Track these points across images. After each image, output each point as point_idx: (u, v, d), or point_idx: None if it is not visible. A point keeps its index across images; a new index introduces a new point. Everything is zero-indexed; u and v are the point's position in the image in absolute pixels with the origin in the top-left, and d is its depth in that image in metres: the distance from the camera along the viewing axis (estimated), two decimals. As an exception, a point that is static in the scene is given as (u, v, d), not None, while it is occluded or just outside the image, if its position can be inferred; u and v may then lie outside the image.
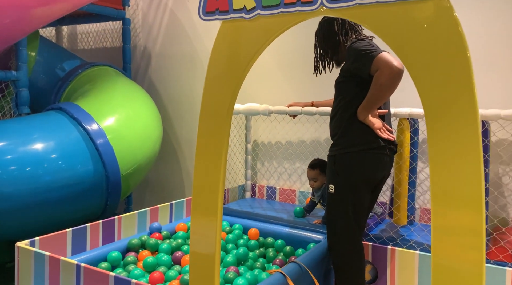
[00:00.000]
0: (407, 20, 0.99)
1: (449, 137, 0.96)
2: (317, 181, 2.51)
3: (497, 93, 2.38)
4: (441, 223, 1.02)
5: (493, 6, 2.38)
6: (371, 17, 1.03)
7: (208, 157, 1.31)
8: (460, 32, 0.94)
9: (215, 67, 1.28)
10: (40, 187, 2.46)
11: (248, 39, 1.21)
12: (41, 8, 2.60)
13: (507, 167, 2.39)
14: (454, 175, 0.97)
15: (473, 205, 0.98)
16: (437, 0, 0.94)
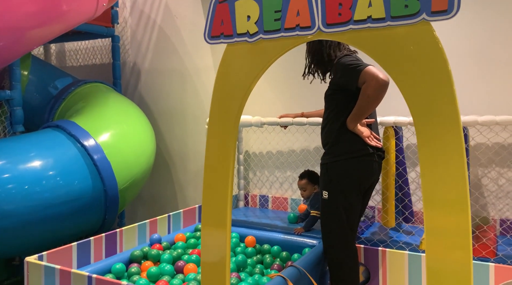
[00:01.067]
0: (395, 42, 1.13)
1: (436, 145, 1.09)
2: (306, 190, 2.63)
3: (474, 100, 2.55)
4: (434, 225, 1.14)
5: (471, 21, 2.56)
6: (363, 40, 1.17)
7: (216, 172, 1.41)
8: (441, 50, 1.08)
9: (221, 86, 1.39)
10: (38, 205, 2.50)
11: (251, 61, 1.33)
12: (36, 30, 2.67)
13: (486, 169, 2.56)
14: (442, 180, 1.10)
15: (460, 207, 1.10)
16: (421, 25, 1.08)
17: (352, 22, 1.16)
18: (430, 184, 1.11)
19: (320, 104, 2.70)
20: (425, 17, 1.07)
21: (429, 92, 1.09)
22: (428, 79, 1.09)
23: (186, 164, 3.75)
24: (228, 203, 1.41)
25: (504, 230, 2.46)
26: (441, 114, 1.08)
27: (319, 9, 1.20)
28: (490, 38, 2.53)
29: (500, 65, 2.52)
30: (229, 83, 1.39)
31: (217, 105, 1.41)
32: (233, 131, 1.37)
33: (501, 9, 2.49)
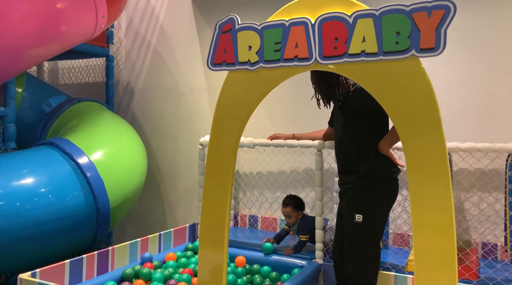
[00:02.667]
0: (387, 75, 1.22)
1: (423, 170, 1.18)
2: (292, 217, 2.66)
3: (457, 127, 2.67)
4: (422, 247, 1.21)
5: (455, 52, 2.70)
6: (357, 72, 1.26)
7: (214, 193, 1.47)
8: (428, 83, 1.18)
9: (222, 110, 1.46)
10: (29, 221, 2.50)
11: (252, 87, 1.41)
12: (35, 49, 2.72)
13: (468, 194, 2.66)
14: (429, 205, 1.18)
15: (446, 232, 1.18)
16: (410, 60, 1.18)
17: (347, 56, 1.25)
18: (419, 208, 1.20)
19: (311, 125, 2.81)
20: (414, 54, 1.17)
21: (417, 121, 1.19)
22: (416, 109, 1.19)
23: (176, 182, 3.78)
24: (226, 223, 1.47)
25: (485, 253, 2.56)
26: (428, 140, 1.17)
27: (316, 42, 1.29)
28: (474, 70, 2.67)
29: (482, 96, 2.65)
30: (230, 107, 1.47)
31: (217, 129, 1.48)
32: (233, 153, 1.44)
33: (484, 45, 2.64)
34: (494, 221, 2.60)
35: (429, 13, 1.14)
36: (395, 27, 1.18)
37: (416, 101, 1.18)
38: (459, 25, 2.66)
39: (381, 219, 2.05)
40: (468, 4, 2.67)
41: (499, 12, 2.61)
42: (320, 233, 2.56)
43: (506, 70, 2.60)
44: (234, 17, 1.43)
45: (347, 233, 2.09)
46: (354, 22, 1.24)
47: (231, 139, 1.44)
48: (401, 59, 1.18)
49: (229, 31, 1.42)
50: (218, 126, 1.47)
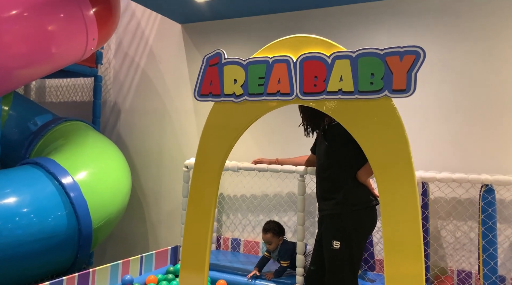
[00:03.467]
0: (361, 112, 1.31)
1: (394, 198, 1.25)
2: (272, 244, 2.70)
3: (435, 158, 2.78)
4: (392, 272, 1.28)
5: (437, 90, 2.84)
6: (334, 108, 1.34)
7: (197, 216, 1.52)
8: (399, 121, 1.27)
9: (207, 138, 1.53)
10: (10, 242, 2.50)
11: (236, 118, 1.48)
12: (24, 70, 2.76)
13: (444, 222, 2.75)
14: (399, 229, 1.25)
15: (415, 255, 1.25)
16: (383, 100, 1.27)
17: (326, 93, 1.33)
18: (389, 232, 1.26)
19: (295, 151, 2.88)
20: (387, 94, 1.25)
21: (389, 154, 1.27)
22: (388, 144, 1.27)
23: (160, 203, 3.80)
24: (207, 247, 1.51)
25: (460, 280, 2.63)
26: (399, 172, 1.25)
27: (297, 79, 1.37)
28: (454, 104, 2.79)
29: (462, 127, 2.76)
30: (215, 136, 1.53)
31: (202, 156, 1.54)
32: (216, 180, 1.50)
33: (464, 79, 2.78)
34: (469, 249, 2.68)
35: (401, 57, 1.24)
36: (370, 69, 1.27)
37: (388, 136, 1.26)
38: (443, 59, 2.81)
39: (358, 246, 2.09)
40: (444, 39, 2.82)
41: (482, 47, 2.74)
42: (301, 258, 2.60)
43: (485, 105, 2.72)
44: (221, 51, 1.50)
45: (326, 259, 2.13)
46: (332, 62, 1.32)
47: (215, 166, 1.50)
48: (375, 98, 1.26)
49: (216, 65, 1.49)
50: (203, 153, 1.53)
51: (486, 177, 2.28)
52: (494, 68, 2.71)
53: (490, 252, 2.23)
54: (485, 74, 2.72)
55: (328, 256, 2.12)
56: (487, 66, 2.72)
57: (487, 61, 2.72)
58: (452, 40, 2.81)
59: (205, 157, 1.55)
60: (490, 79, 2.71)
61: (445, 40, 2.83)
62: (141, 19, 3.99)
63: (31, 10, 2.60)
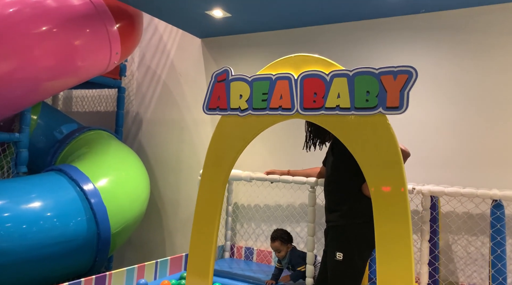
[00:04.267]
0: (357, 127, 1.37)
1: (387, 210, 1.31)
2: (281, 251, 2.75)
3: (448, 172, 2.79)
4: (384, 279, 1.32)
5: (443, 100, 2.86)
6: (332, 123, 1.41)
7: (204, 224, 1.60)
8: (393, 136, 1.33)
9: (214, 150, 1.62)
10: (34, 244, 2.64)
11: (241, 131, 1.57)
12: (52, 82, 2.95)
13: (456, 236, 2.74)
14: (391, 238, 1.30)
15: (406, 269, 1.29)
16: (378, 116, 1.33)
17: (324, 109, 1.41)
18: (382, 241, 1.32)
19: (307, 162, 2.94)
20: (381, 111, 1.32)
21: (383, 167, 1.33)
22: (382, 158, 1.33)
23: (177, 211, 3.91)
24: (212, 253, 1.59)
25: (471, 295, 2.61)
26: (391, 184, 1.30)
27: (298, 95, 1.45)
28: (463, 117, 2.81)
29: (472, 142, 2.77)
30: (221, 147, 1.62)
31: (209, 166, 1.63)
32: (221, 190, 1.58)
33: (471, 94, 2.80)
34: (481, 265, 2.67)
35: (395, 76, 1.30)
36: (365, 87, 1.34)
37: (382, 150, 1.32)
38: (451, 72, 2.84)
39: (360, 258, 2.13)
40: (458, 52, 2.84)
41: (488, 62, 2.76)
42: (310, 268, 2.65)
43: (494, 118, 2.73)
44: (228, 68, 1.60)
45: (329, 270, 2.18)
46: (331, 80, 1.40)
47: (221, 175, 1.59)
48: (370, 114, 1.33)
49: (223, 81, 1.59)
50: (210, 164, 1.62)
51: (495, 192, 2.28)
52: (502, 79, 2.71)
53: (498, 268, 2.22)
54: (494, 86, 2.73)
55: (331, 267, 2.16)
56: (495, 79, 2.73)
57: (494, 74, 2.73)
58: (456, 54, 2.84)
59: (212, 167, 1.64)
60: (500, 93, 2.72)
61: (456, 55, 2.85)
62: (163, 34, 4.16)
63: (59, 27, 2.78)
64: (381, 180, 1.30)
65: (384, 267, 1.31)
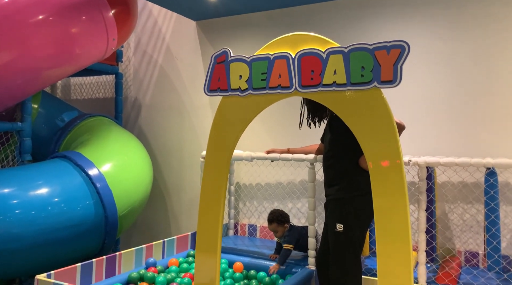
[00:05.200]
0: (353, 102, 1.44)
1: (384, 182, 1.38)
2: (278, 232, 2.83)
3: (442, 143, 2.87)
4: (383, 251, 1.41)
5: (437, 71, 2.92)
6: (329, 99, 1.48)
7: (209, 205, 1.68)
8: (388, 109, 1.40)
9: (217, 129, 1.68)
10: (43, 229, 2.71)
11: (242, 110, 1.63)
12: (51, 70, 2.98)
13: (452, 205, 2.84)
14: (388, 212, 1.38)
15: (403, 239, 1.37)
16: (373, 90, 1.39)
17: (321, 85, 1.47)
18: (381, 215, 1.40)
19: (305, 140, 3.01)
20: (376, 85, 1.38)
21: (379, 140, 1.40)
22: (378, 131, 1.40)
23: (181, 194, 4.00)
24: (219, 231, 1.68)
25: (466, 260, 2.73)
26: (387, 156, 1.38)
27: (296, 74, 1.51)
28: (456, 89, 2.87)
29: (466, 112, 2.84)
30: (223, 127, 1.69)
31: (212, 146, 1.70)
32: (225, 169, 1.66)
33: (464, 65, 2.85)
34: (476, 231, 2.78)
35: (388, 51, 1.36)
36: (360, 62, 1.39)
37: (378, 123, 1.39)
38: (444, 45, 2.89)
39: (360, 229, 2.23)
40: (451, 25, 2.89)
41: (481, 31, 2.81)
42: (312, 241, 2.75)
43: (485, 89, 2.79)
44: (227, 50, 1.65)
45: (331, 241, 2.27)
46: (327, 57, 1.46)
47: (225, 154, 1.65)
48: (365, 89, 1.39)
49: (223, 62, 1.64)
50: (213, 144, 1.69)
51: (488, 160, 2.36)
52: (495, 49, 2.77)
53: (493, 232, 2.32)
54: (488, 58, 2.79)
55: (332, 238, 2.26)
56: (490, 50, 2.78)
57: (489, 46, 2.79)
58: (448, 27, 2.88)
59: (216, 147, 1.70)
60: (492, 64, 2.77)
61: (449, 28, 2.90)
62: (158, 18, 4.16)
63: (56, 15, 2.80)
64: (378, 153, 1.37)
65: (383, 238, 1.39)
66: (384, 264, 1.38)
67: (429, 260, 2.56)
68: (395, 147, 1.36)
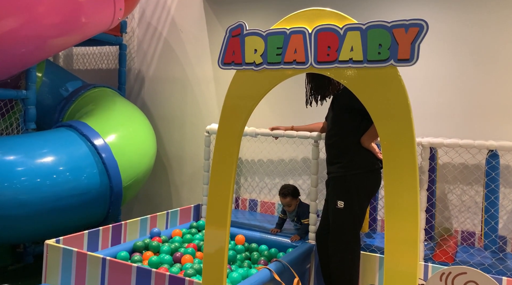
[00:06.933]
0: (369, 79, 1.45)
1: (395, 162, 1.41)
2: (292, 205, 2.89)
3: (445, 125, 2.90)
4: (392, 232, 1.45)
5: (442, 54, 2.93)
6: (345, 75, 1.49)
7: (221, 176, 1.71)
8: (403, 88, 1.41)
9: (230, 103, 1.70)
10: (49, 196, 2.75)
11: (256, 85, 1.64)
12: (57, 39, 2.95)
13: (451, 186, 2.90)
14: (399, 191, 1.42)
15: (412, 219, 1.41)
16: (389, 68, 1.41)
17: (337, 62, 1.48)
18: (391, 192, 1.43)
19: (308, 118, 3.03)
20: (392, 63, 1.39)
21: (393, 119, 1.42)
22: (392, 109, 1.42)
23: (182, 166, 4.03)
24: (229, 203, 1.71)
25: (463, 239, 2.80)
26: (401, 136, 1.40)
27: (312, 49, 1.52)
28: (462, 72, 2.89)
29: (469, 95, 2.87)
30: (236, 101, 1.70)
31: (225, 120, 1.71)
32: (237, 143, 1.68)
33: (469, 48, 2.86)
34: (474, 212, 2.84)
35: (406, 29, 1.36)
36: (378, 40, 1.40)
37: (393, 102, 1.40)
38: (451, 28, 2.88)
39: (360, 206, 2.28)
40: (459, 8, 2.88)
41: (487, 16, 2.81)
42: (314, 216, 2.80)
43: (490, 72, 2.81)
44: (243, 23, 1.64)
45: (331, 217, 2.33)
46: (344, 33, 1.46)
47: (237, 129, 1.67)
48: (382, 67, 1.40)
49: (238, 36, 1.64)
50: (225, 116, 1.70)
51: (491, 142, 2.40)
52: (500, 35, 2.77)
53: (491, 213, 2.39)
54: (492, 41, 2.79)
55: (333, 214, 2.32)
56: (493, 33, 2.79)
57: (492, 28, 2.79)
58: (455, 9, 2.87)
59: (228, 121, 1.72)
60: (497, 47, 2.78)
61: (450, 9, 2.88)
62: (163, -11, 4.10)
63: (62, -18, 2.75)
64: (392, 131, 1.40)
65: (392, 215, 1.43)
66: (391, 241, 1.42)
67: (427, 238, 2.63)
68: (408, 126, 1.38)
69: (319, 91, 2.39)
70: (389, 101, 1.41)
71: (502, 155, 2.56)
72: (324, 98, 2.41)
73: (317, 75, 2.28)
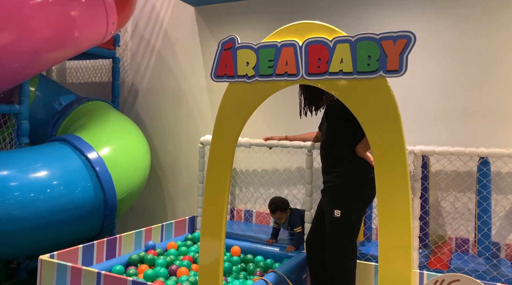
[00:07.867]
0: (359, 90, 1.48)
1: (387, 170, 1.43)
2: (282, 218, 2.91)
3: (436, 133, 2.94)
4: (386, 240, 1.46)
5: (432, 63, 2.97)
6: (336, 87, 1.51)
7: (215, 188, 1.72)
8: (392, 98, 1.44)
9: (223, 115, 1.72)
10: (42, 211, 2.73)
11: (249, 96, 1.66)
12: (50, 53, 2.96)
13: (444, 193, 2.92)
14: (391, 198, 1.43)
15: (405, 225, 1.43)
16: (379, 79, 1.43)
17: (328, 73, 1.50)
18: (383, 201, 1.45)
19: (302, 128, 3.05)
20: (381, 74, 1.42)
21: (383, 129, 1.44)
22: (382, 119, 1.44)
23: (177, 178, 4.03)
24: (224, 215, 1.72)
25: (457, 246, 2.82)
26: (391, 143, 1.43)
27: (303, 61, 1.54)
28: (452, 80, 2.93)
29: (460, 103, 2.91)
30: (229, 112, 1.72)
31: (218, 131, 1.73)
32: (231, 152, 1.69)
33: (459, 56, 2.91)
34: (467, 219, 2.86)
35: (394, 41, 1.39)
36: (367, 52, 1.43)
37: (382, 112, 1.43)
38: (440, 37, 2.93)
39: (357, 214, 2.30)
40: (449, 16, 2.93)
41: (478, 25, 2.86)
42: (308, 226, 2.81)
43: (480, 80, 2.85)
44: (235, 37, 1.67)
45: (327, 226, 2.34)
46: (334, 46, 1.49)
47: (230, 140, 1.69)
48: (371, 78, 1.43)
49: (230, 49, 1.67)
50: (219, 128, 1.72)
51: (482, 150, 2.43)
52: (490, 42, 2.83)
53: (484, 219, 2.41)
54: (484, 50, 2.84)
55: (329, 223, 2.33)
56: (484, 40, 2.84)
57: (483, 35, 2.84)
58: (444, 18, 2.92)
59: (221, 133, 1.74)
60: (487, 56, 2.83)
61: (446, 19, 2.94)
62: (156, 2, 4.14)
63: (55, -3, 2.77)
64: (383, 140, 1.42)
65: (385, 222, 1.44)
66: (385, 248, 1.44)
67: (421, 246, 2.64)
68: (399, 135, 1.40)
69: (313, 102, 2.41)
70: (379, 111, 1.44)
71: (493, 162, 2.59)
72: (318, 109, 2.43)
73: (311, 86, 2.30)
